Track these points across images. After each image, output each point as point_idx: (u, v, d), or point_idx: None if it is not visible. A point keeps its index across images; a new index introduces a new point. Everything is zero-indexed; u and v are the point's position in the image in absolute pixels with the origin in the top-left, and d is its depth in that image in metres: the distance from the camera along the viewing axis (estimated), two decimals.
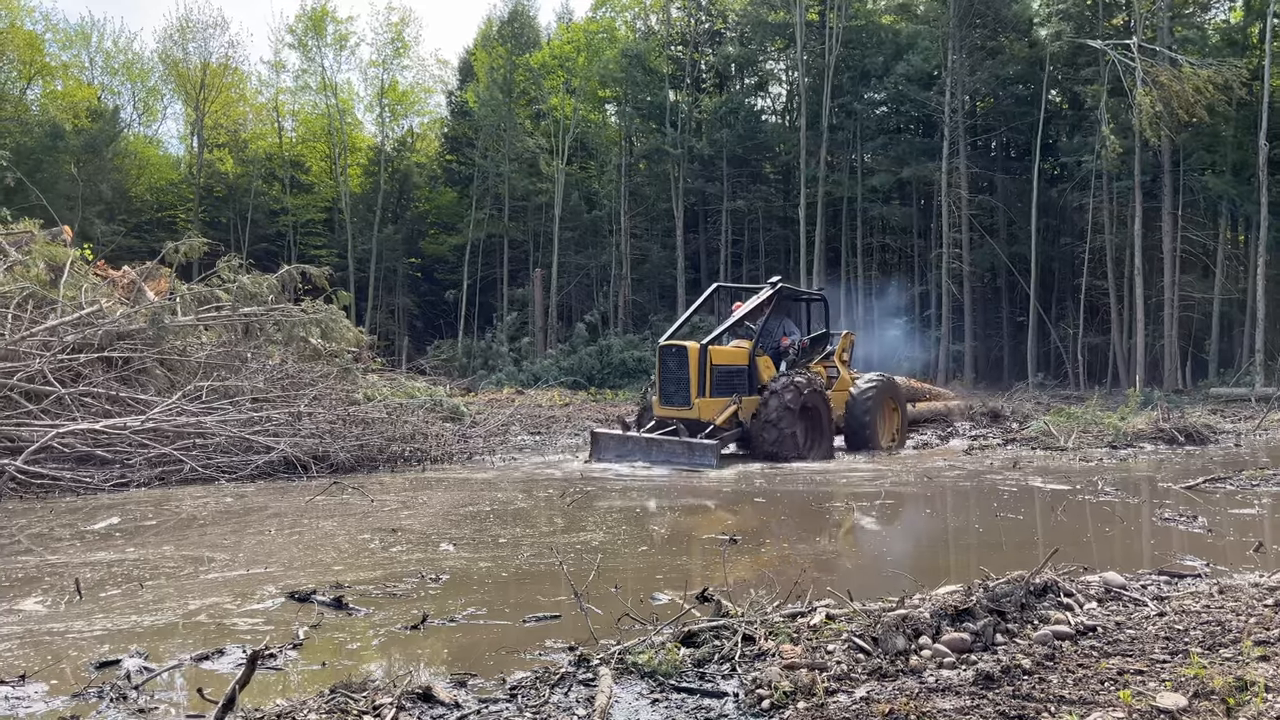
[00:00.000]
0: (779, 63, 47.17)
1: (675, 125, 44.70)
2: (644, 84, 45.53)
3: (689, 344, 13.46)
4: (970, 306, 37.24)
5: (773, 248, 46.69)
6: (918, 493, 10.39)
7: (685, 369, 13.20)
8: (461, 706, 3.36)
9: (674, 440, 12.75)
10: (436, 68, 53.12)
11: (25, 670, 3.96)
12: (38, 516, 8.69)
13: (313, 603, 5.18)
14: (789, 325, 15.14)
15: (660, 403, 13.61)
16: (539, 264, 45.77)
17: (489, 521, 8.30)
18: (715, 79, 47.90)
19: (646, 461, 12.60)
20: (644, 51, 45.05)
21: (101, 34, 48.33)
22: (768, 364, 14.10)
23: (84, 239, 23.69)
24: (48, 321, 12.44)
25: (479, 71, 47.69)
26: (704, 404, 13.18)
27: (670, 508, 9.29)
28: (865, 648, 3.76)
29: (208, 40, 46.64)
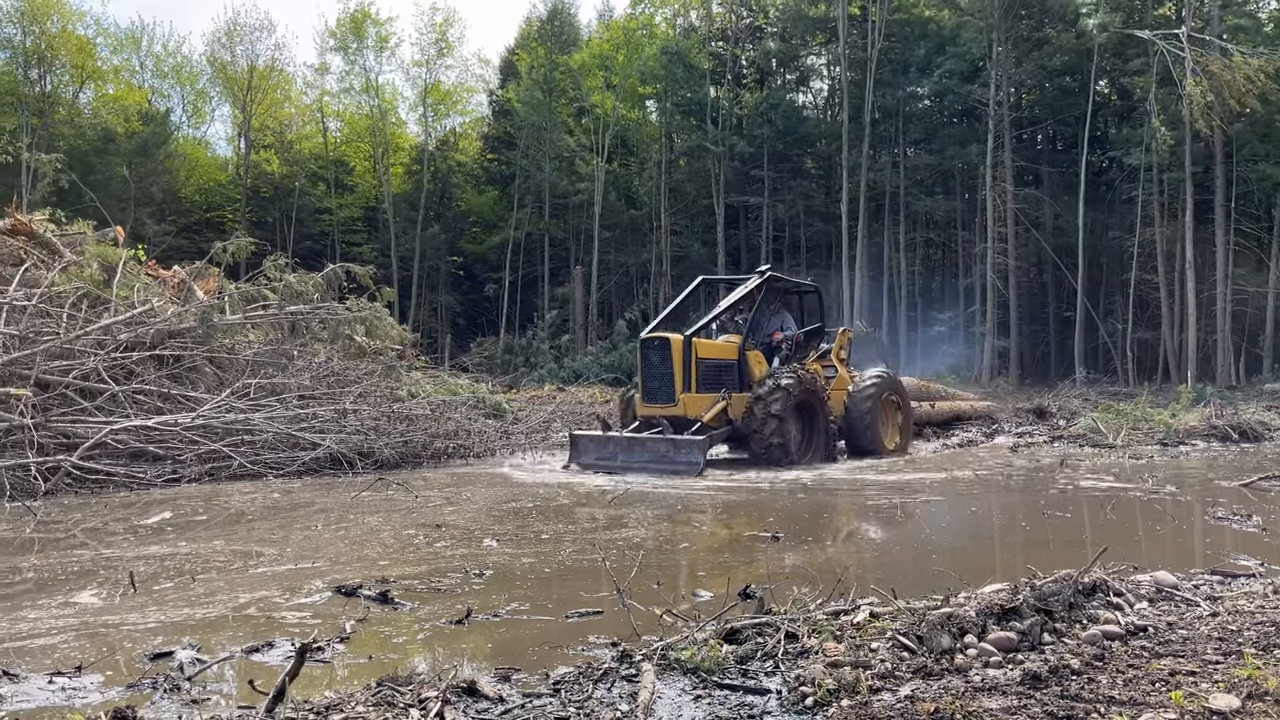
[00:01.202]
0: (820, 57, 46.85)
1: (716, 122, 44.57)
2: (684, 81, 45.44)
3: (672, 336, 12.56)
4: (1015, 302, 36.73)
5: (814, 243, 46.38)
6: (959, 491, 10.28)
7: (669, 363, 12.29)
8: (506, 701, 3.39)
9: (657, 438, 11.87)
10: (478, 67, 53.42)
11: (81, 661, 4.05)
12: (92, 511, 8.90)
13: (359, 597, 5.25)
14: (787, 320, 14.23)
15: (643, 400, 12.69)
16: (579, 262, 45.90)
17: (531, 517, 8.35)
18: (756, 75, 47.68)
19: (629, 462, 11.73)
20: (684, 48, 44.96)
21: (151, 38, 49.21)
22: (759, 359, 13.20)
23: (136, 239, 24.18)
24: (102, 320, 12.72)
25: (521, 70, 47.93)
26: (690, 400, 12.26)
27: (710, 505, 9.28)
28: (910, 646, 3.73)
29: (254, 43, 47.39)
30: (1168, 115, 31.39)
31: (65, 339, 11.90)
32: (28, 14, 40.77)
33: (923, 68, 40.39)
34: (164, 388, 12.61)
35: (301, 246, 42.72)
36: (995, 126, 35.87)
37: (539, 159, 47.02)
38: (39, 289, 12.59)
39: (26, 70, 41.35)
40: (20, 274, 13.06)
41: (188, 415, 11.84)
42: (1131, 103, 35.63)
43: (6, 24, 41.10)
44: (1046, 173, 39.30)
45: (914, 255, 42.96)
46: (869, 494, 10.02)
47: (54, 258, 14.23)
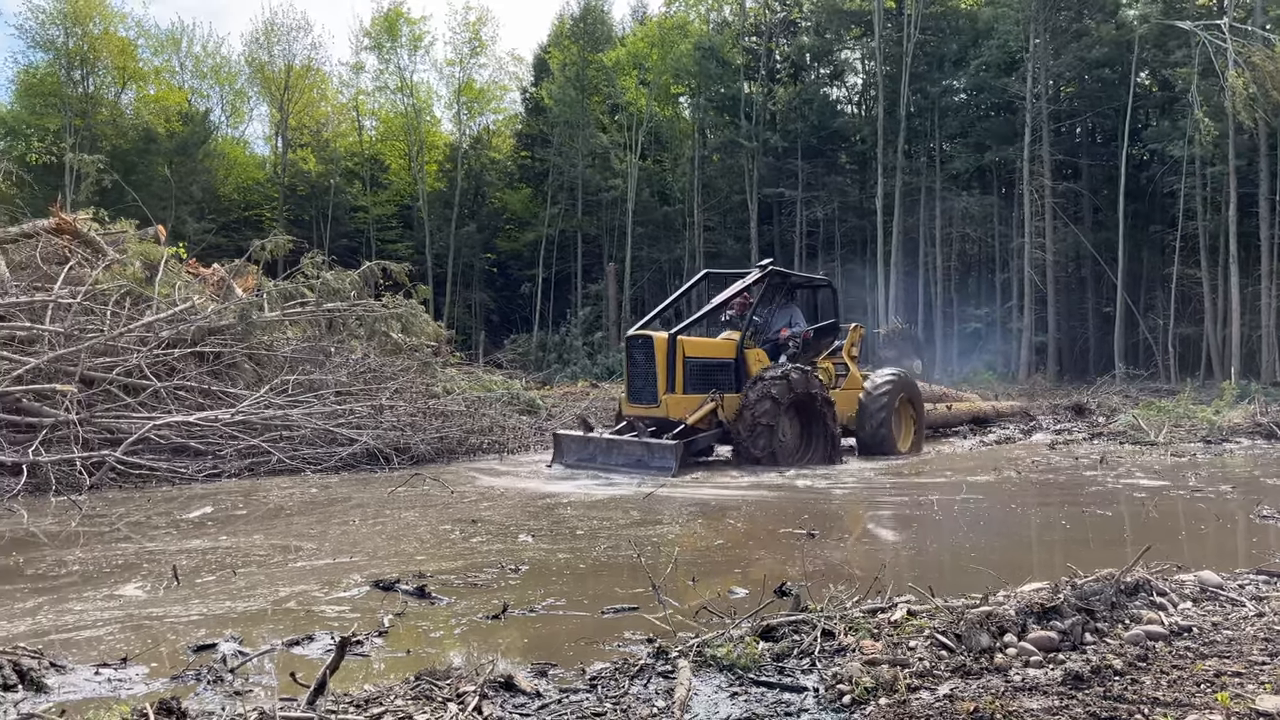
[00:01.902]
0: (855, 51, 46.49)
1: (749, 117, 44.39)
2: (717, 76, 45.30)
3: (656, 334, 12.06)
4: (1054, 297, 36.27)
5: (849, 239, 46.10)
6: (997, 489, 10.18)
7: (653, 362, 11.76)
8: (543, 696, 3.40)
9: (633, 440, 11.40)
10: (512, 64, 53.64)
11: (126, 653, 4.12)
12: (135, 505, 9.06)
13: (397, 591, 5.30)
14: (795, 315, 13.57)
15: (628, 400, 12.26)
16: (612, 258, 45.97)
17: (566, 513, 8.38)
18: (790, 69, 47.43)
19: (607, 464, 11.30)
20: (717, 44, 44.82)
21: (191, 39, 49.95)
22: (760, 358, 12.57)
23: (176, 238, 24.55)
24: (144, 318, 12.93)
25: (553, 68, 48.06)
26: (673, 401, 11.69)
27: (743, 502, 9.26)
28: (948, 645, 3.70)
29: (291, 43, 47.88)
30: (1210, 107, 30.80)
31: (109, 336, 12.11)
32: (70, 16, 41.50)
33: (958, 61, 39.98)
34: (204, 384, 12.80)
35: (338, 244, 43.14)
36: (1033, 120, 35.40)
37: (572, 156, 47.12)
38: (83, 287, 12.82)
39: (69, 71, 42.10)
40: (65, 272, 13.31)
41: (228, 411, 12.01)
42: (1173, 94, 34.99)
43: (50, 25, 41.88)
44: (1085, 166, 38.75)
45: (950, 250, 42.53)
46: (892, 495, 9.95)
47: (98, 256, 14.48)
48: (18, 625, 4.71)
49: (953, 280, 42.09)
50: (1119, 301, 35.16)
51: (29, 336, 11.81)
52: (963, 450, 14.66)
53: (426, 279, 42.44)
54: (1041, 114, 35.56)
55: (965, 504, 8.94)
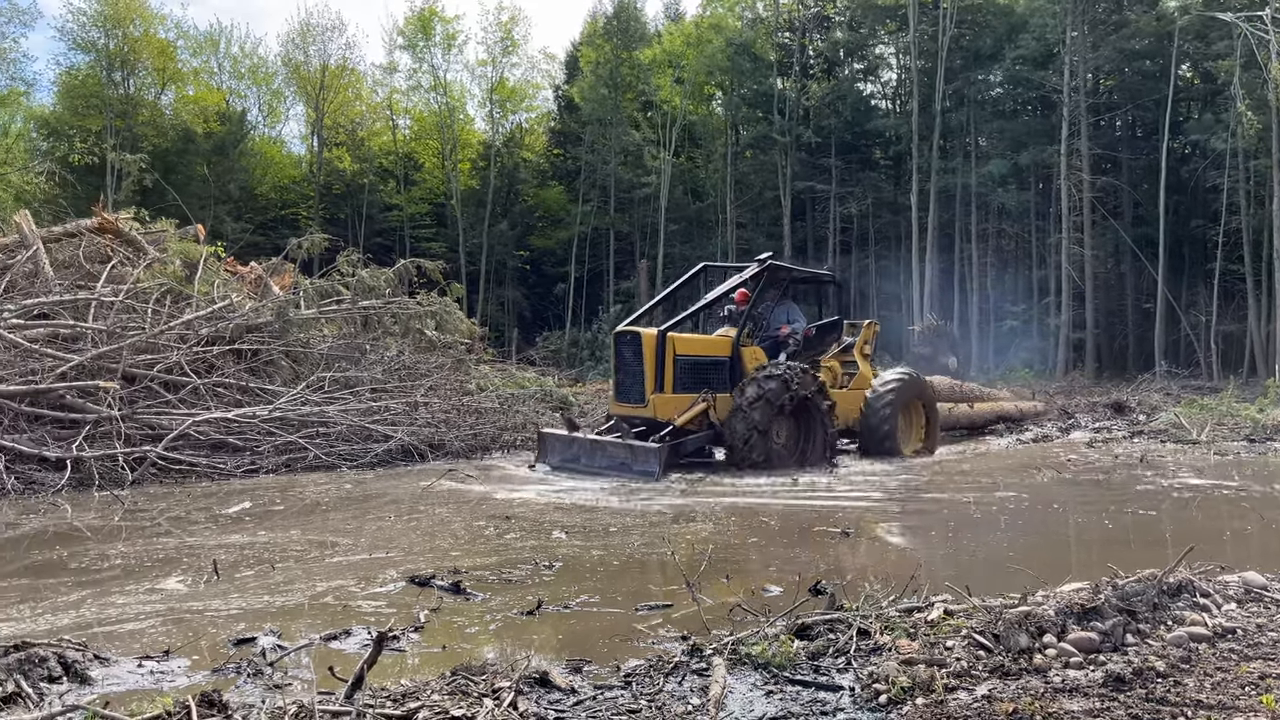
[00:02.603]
0: (889, 46, 46.12)
1: (782, 113, 44.18)
2: (750, 72, 45.13)
3: (644, 330, 11.53)
4: (1092, 294, 35.76)
5: (883, 235, 45.75)
6: (1034, 488, 10.06)
7: (641, 360, 11.19)
8: (577, 692, 3.41)
9: (616, 442, 10.89)
10: (544, 63, 53.75)
11: (168, 646, 4.19)
12: (176, 500, 9.19)
13: (432, 587, 5.34)
14: (794, 311, 12.97)
15: (614, 398, 11.86)
16: (645, 255, 45.95)
17: (599, 510, 8.39)
18: (823, 65, 47.15)
19: (591, 466, 10.84)
20: (750, 40, 44.66)
21: (229, 40, 50.43)
22: (758, 356, 11.95)
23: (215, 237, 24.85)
24: (184, 315, 13.12)
25: (584, 68, 48.13)
26: (661, 400, 11.09)
27: (776, 501, 9.23)
28: (986, 645, 3.66)
29: (326, 43, 48.25)
30: (1253, 100, 30.19)
31: (150, 334, 12.29)
32: (110, 18, 42.16)
33: (994, 55, 39.50)
34: (243, 381, 12.96)
35: (372, 242, 43.48)
36: (1071, 114, 34.89)
37: (604, 153, 47.17)
38: (125, 285, 13.03)
39: (110, 73, 42.76)
40: (108, 271, 13.53)
41: (265, 408, 12.15)
42: (1215, 87, 34.33)
43: (90, 28, 42.55)
44: (1125, 160, 38.13)
45: (986, 246, 42.07)
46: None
47: (139, 255, 14.70)
48: (62, 618, 4.80)
49: (989, 277, 41.61)
50: (1159, 298, 34.59)
51: (73, 334, 12.02)
52: (997, 449, 14.47)
53: (460, 277, 42.67)
54: (1080, 108, 35.05)
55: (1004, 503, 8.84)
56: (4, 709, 3.11)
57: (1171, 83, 34.03)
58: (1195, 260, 37.79)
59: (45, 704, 3.23)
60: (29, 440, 10.10)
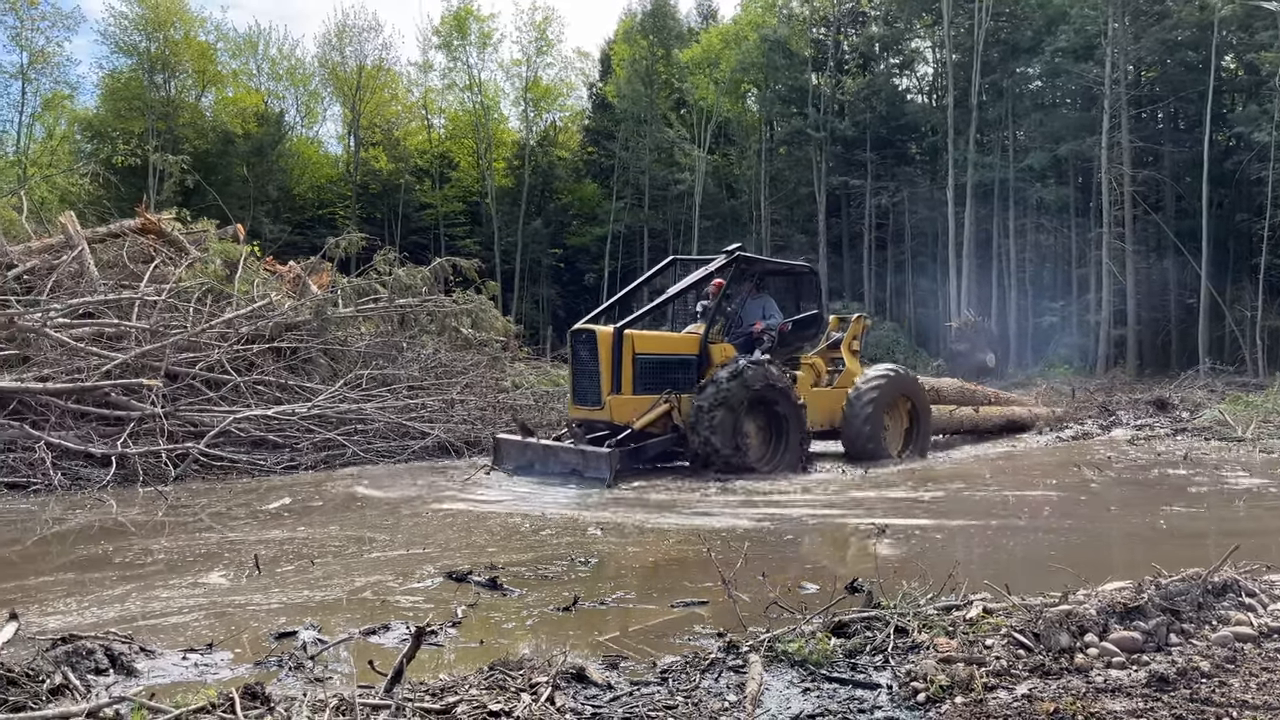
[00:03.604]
0: (925, 40, 45.71)
1: (817, 108, 43.95)
2: (785, 68, 44.93)
3: (599, 328, 10.87)
4: (1134, 289, 35.18)
5: (919, 231, 45.37)
6: (1077, 485, 9.93)
7: (597, 360, 10.58)
8: (614, 688, 3.42)
9: (568, 447, 10.34)
10: (578, 61, 53.90)
11: (212, 639, 4.26)
12: (217, 496, 9.33)
13: (469, 583, 5.38)
14: (770, 306, 12.14)
15: (572, 401, 11.20)
16: (678, 253, 45.92)
17: (634, 507, 8.41)
18: (858, 60, 46.84)
19: (545, 471, 10.27)
20: (785, 36, 44.47)
21: (267, 42, 51.02)
22: (728, 354, 11.10)
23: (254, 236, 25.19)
24: (224, 314, 13.30)
25: (616, 66, 48.18)
26: (618, 402, 10.41)
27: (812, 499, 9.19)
28: (1026, 644, 3.62)
29: (363, 43, 48.69)
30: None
31: (192, 332, 12.48)
32: (152, 21, 42.83)
33: (1032, 48, 38.99)
34: (282, 379, 13.12)
35: (408, 241, 43.82)
36: (1112, 106, 34.36)
37: (639, 151, 47.19)
38: (167, 285, 13.23)
39: (152, 76, 43.45)
40: (150, 270, 13.75)
41: (304, 405, 12.30)
42: (1259, 78, 33.65)
43: (132, 31, 43.27)
44: (1167, 153, 37.47)
45: (1024, 241, 41.56)
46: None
47: (180, 255, 14.93)
48: (108, 611, 4.89)
49: (1027, 272, 41.11)
50: (1203, 293, 33.97)
51: (117, 333, 12.23)
52: (1034, 447, 14.26)
53: (495, 275, 42.88)
54: (1121, 100, 34.50)
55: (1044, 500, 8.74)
56: (52, 700, 3.17)
57: (1213, 74, 33.39)
58: (1240, 254, 37.04)
59: (93, 695, 3.29)
60: (75, 437, 10.30)
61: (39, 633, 4.18)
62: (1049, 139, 38.25)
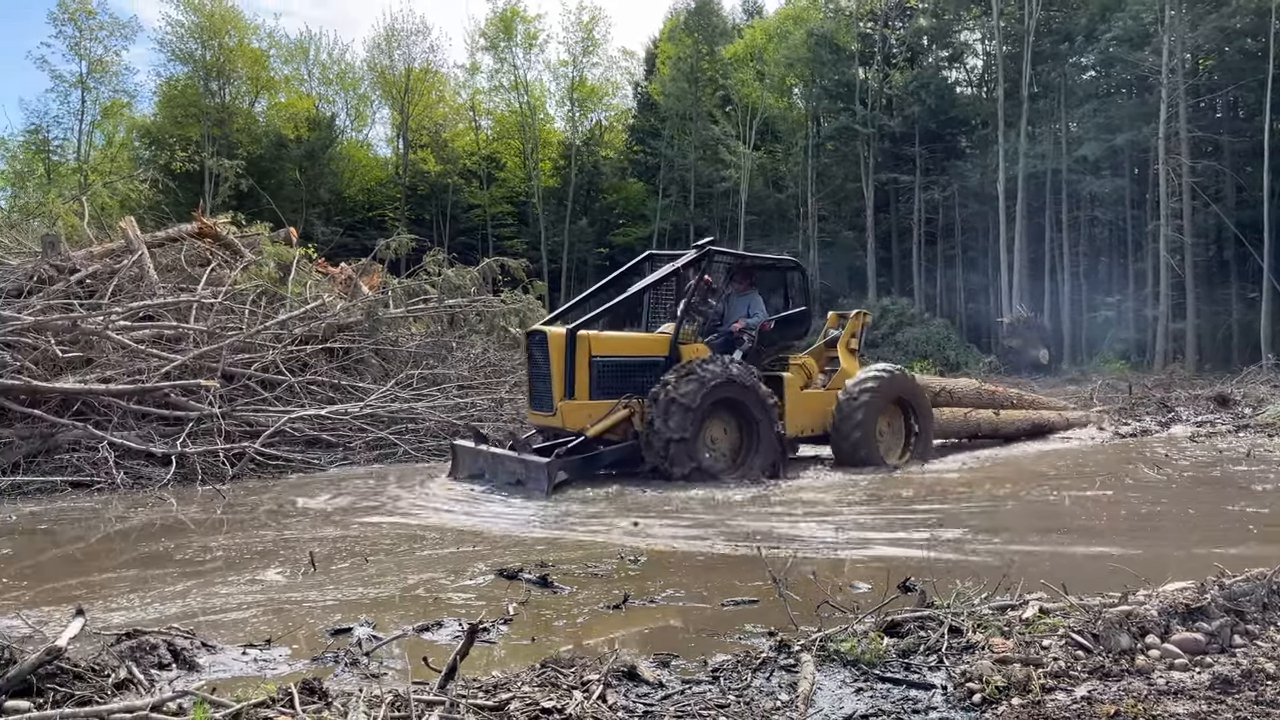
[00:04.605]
0: (974, 32, 45.09)
1: (864, 103, 43.55)
2: (831, 63, 44.62)
3: (550, 329, 10.17)
4: (1193, 282, 34.36)
5: (969, 225, 44.78)
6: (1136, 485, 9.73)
7: (550, 363, 9.88)
8: (665, 686, 3.42)
9: (512, 456, 9.60)
10: (623, 60, 54.05)
11: (270, 635, 4.34)
12: (273, 494, 9.51)
13: (520, 580, 5.41)
14: (756, 304, 11.35)
15: (530, 407, 10.57)
16: None
17: (684, 505, 8.40)
18: (906, 54, 46.35)
19: (494, 481, 9.69)
20: (830, 31, 44.14)
21: (318, 47, 51.91)
22: (700, 354, 10.31)
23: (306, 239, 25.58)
24: (279, 316, 13.54)
25: (660, 65, 48.17)
26: (571, 408, 9.71)
27: (857, 497, 9.11)
28: (1085, 645, 3.56)
29: (410, 47, 49.33)
30: None
31: (247, 334, 12.72)
32: (207, 29, 43.75)
33: (1086, 36, 38.24)
34: (335, 379, 13.33)
35: (456, 241, 44.27)
36: (1168, 95, 33.58)
37: (684, 148, 47.14)
38: (224, 287, 13.51)
39: (207, 83, 44.37)
40: (207, 273, 14.04)
41: (356, 405, 12.48)
42: None
43: (188, 39, 44.22)
44: (1226, 143, 36.55)
45: (1078, 235, 40.81)
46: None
47: (236, 258, 15.22)
48: (170, 607, 5.01)
49: (1081, 266, 40.36)
50: (1265, 285, 33.06)
51: (176, 334, 12.51)
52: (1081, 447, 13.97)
53: (542, 274, 43.12)
54: (1178, 89, 33.70)
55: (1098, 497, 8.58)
56: (118, 694, 3.25)
57: (1273, 61, 32.47)
58: None
59: (156, 690, 3.37)
60: (137, 437, 10.56)
61: (104, 628, 4.28)
62: (1103, 130, 37.52)
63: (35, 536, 7.50)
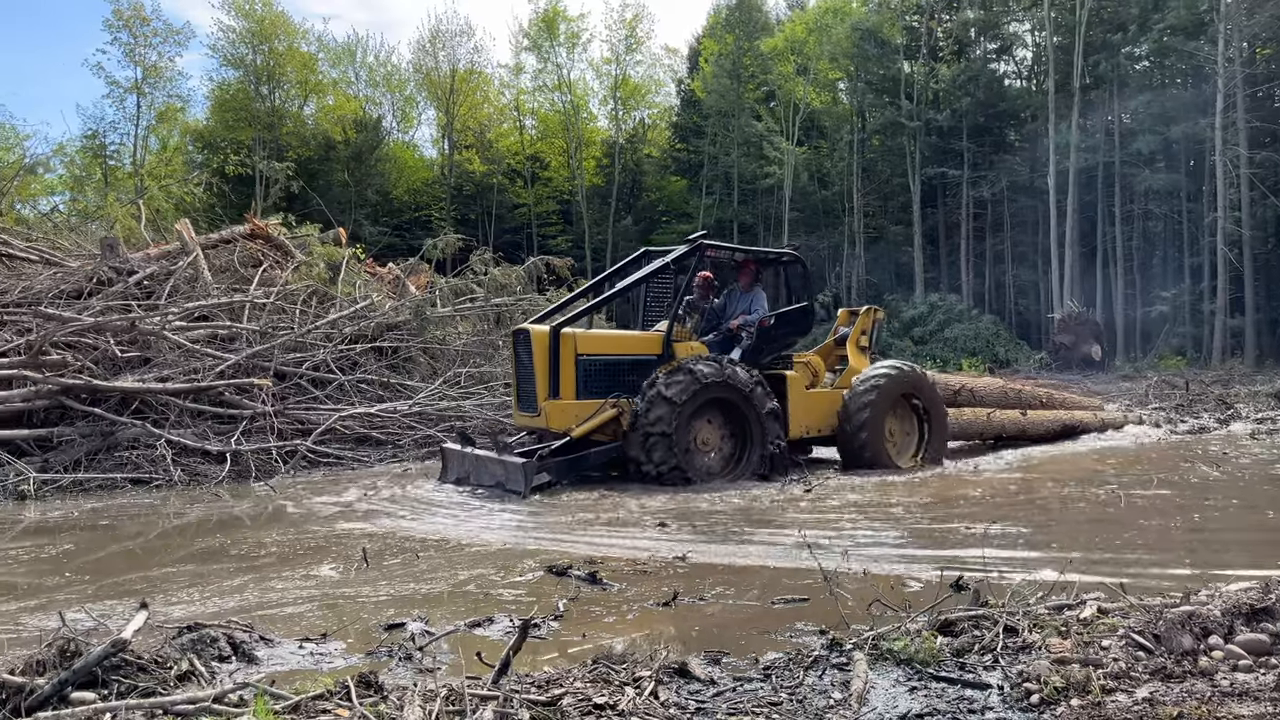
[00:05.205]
0: (1024, 23, 44.39)
1: (910, 97, 43.08)
2: (876, 57, 44.20)
3: (534, 327, 9.89)
4: (1252, 276, 33.52)
5: (1019, 220, 44.11)
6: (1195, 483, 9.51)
7: (534, 362, 9.61)
8: (717, 683, 3.42)
9: (493, 457, 9.37)
10: (666, 58, 54.06)
11: (325, 629, 4.40)
12: (325, 490, 9.63)
13: (569, 577, 5.43)
14: (759, 300, 10.96)
15: (517, 408, 10.28)
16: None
17: (728, 501, 8.38)
18: (954, 46, 45.77)
19: (478, 483, 9.50)
20: (875, 24, 43.73)
21: (364, 50, 52.62)
22: (696, 353, 10.01)
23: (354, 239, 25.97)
24: (329, 315, 13.74)
25: (703, 62, 48.08)
26: (555, 408, 9.41)
27: (908, 496, 9.01)
28: (1146, 646, 3.49)
29: (455, 48, 49.75)
30: None
31: (299, 333, 12.93)
32: (258, 35, 44.49)
33: (1139, 26, 37.46)
34: (384, 377, 13.49)
35: (501, 240, 44.55)
36: (1225, 85, 32.78)
37: (727, 145, 47.01)
38: (275, 288, 13.75)
39: (258, 87, 45.12)
40: (259, 274, 14.29)
41: (405, 403, 12.63)
42: None
43: (240, 44, 45.01)
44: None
45: (1131, 229, 40.01)
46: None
47: (287, 259, 15.48)
48: (228, 601, 5.10)
49: (1135, 261, 39.57)
50: None
51: (229, 334, 12.75)
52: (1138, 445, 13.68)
53: (586, 272, 43.21)
54: (1235, 79, 32.88)
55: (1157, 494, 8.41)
56: (180, 686, 3.32)
57: None
58: None
59: (217, 682, 3.44)
60: (193, 434, 10.78)
61: (165, 621, 4.38)
62: (1157, 121, 36.73)
63: (96, 532, 7.69)
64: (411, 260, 17.91)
